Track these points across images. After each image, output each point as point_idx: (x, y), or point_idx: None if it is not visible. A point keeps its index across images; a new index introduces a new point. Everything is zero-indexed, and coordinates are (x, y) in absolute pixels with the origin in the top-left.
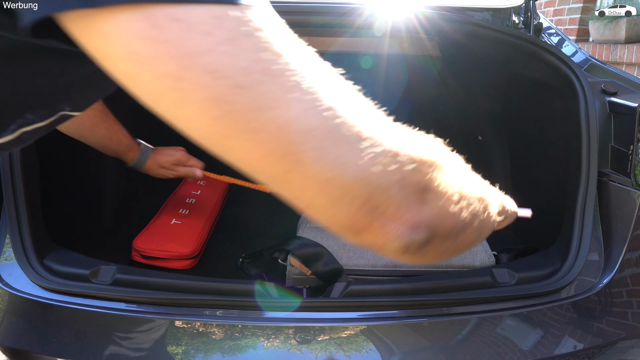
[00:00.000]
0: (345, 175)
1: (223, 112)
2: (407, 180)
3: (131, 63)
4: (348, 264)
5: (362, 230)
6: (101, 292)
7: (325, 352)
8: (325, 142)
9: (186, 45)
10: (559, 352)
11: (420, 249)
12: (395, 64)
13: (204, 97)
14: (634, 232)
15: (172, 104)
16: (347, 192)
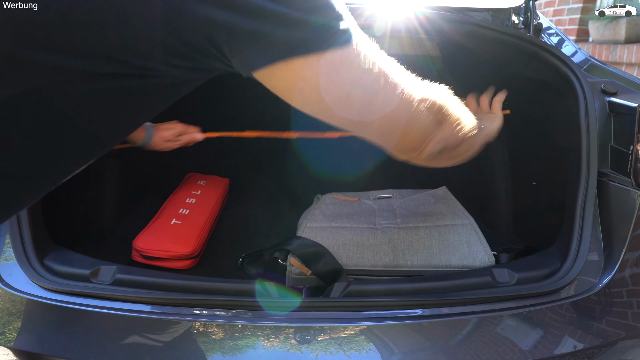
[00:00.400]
0: (411, 122)
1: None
2: (437, 118)
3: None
4: (348, 264)
5: (416, 149)
6: (101, 292)
7: (325, 352)
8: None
9: (344, 76)
10: (558, 352)
11: (438, 156)
12: None
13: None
14: (634, 232)
15: (338, 113)
16: (411, 129)
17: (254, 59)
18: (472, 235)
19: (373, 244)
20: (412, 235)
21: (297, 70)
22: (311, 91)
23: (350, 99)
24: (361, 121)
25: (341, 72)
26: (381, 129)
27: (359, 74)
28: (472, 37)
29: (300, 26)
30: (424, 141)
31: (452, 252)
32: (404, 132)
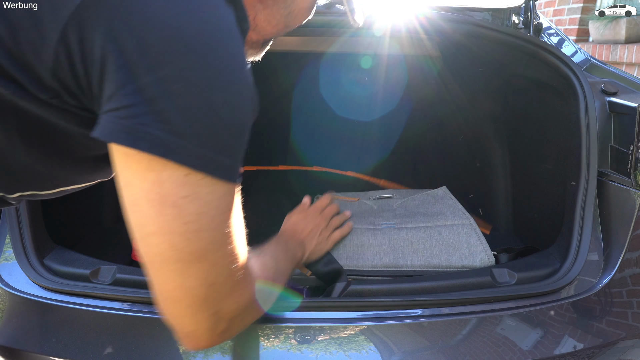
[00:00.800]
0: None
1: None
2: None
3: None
4: (348, 264)
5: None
6: (101, 292)
7: (325, 352)
8: None
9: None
10: (558, 352)
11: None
12: (395, 64)
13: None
14: (634, 232)
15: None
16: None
17: (126, 133)
18: (472, 235)
19: (373, 245)
20: (412, 235)
21: (157, 169)
22: (144, 193)
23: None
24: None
25: (191, 199)
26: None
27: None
28: (472, 37)
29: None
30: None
31: (452, 252)
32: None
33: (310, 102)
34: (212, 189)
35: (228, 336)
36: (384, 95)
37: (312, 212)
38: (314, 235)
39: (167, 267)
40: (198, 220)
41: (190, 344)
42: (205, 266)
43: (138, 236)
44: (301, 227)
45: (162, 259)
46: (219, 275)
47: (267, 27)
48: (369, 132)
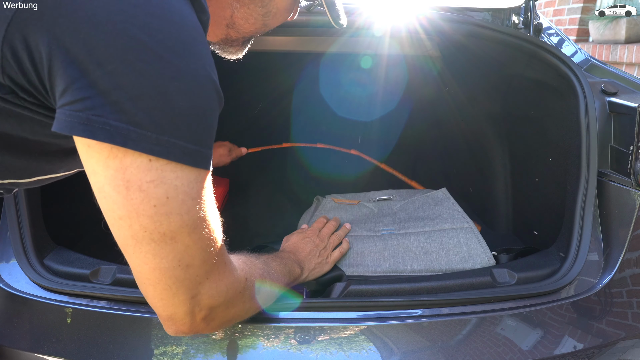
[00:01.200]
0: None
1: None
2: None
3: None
4: (348, 271)
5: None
6: (101, 292)
7: (325, 352)
8: None
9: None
10: (558, 352)
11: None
12: (395, 64)
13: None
14: (634, 232)
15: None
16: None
17: (84, 124)
18: (471, 238)
19: (373, 251)
20: (411, 240)
21: (120, 158)
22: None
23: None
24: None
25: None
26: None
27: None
28: (472, 37)
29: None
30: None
31: (452, 256)
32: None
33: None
34: (179, 174)
35: (213, 325)
36: (384, 95)
37: (311, 233)
38: (313, 256)
39: (141, 248)
40: (167, 203)
41: (171, 327)
42: (178, 247)
43: (110, 221)
44: (300, 248)
45: (135, 241)
46: (194, 257)
47: (245, 25)
48: (369, 132)
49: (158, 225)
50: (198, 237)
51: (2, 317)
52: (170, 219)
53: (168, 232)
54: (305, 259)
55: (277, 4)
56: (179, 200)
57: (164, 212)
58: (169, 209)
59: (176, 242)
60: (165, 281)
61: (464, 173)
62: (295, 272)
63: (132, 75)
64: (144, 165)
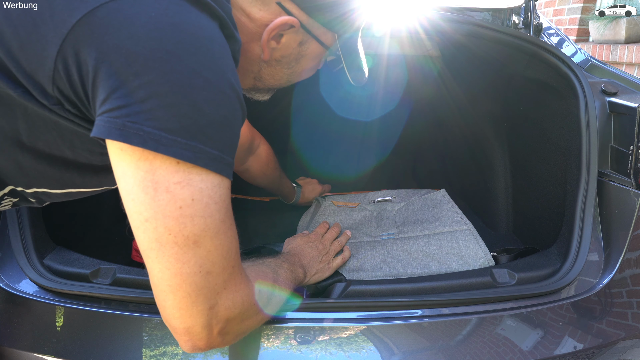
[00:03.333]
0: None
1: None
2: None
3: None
4: (348, 276)
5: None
6: (101, 292)
7: (325, 352)
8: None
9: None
10: (559, 353)
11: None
12: (395, 64)
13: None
14: (634, 232)
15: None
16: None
17: (118, 129)
18: (470, 240)
19: (373, 257)
20: (410, 244)
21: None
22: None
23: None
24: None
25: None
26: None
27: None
28: (472, 37)
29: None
30: None
31: (451, 259)
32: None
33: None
34: (204, 178)
35: (227, 340)
36: (384, 95)
37: (314, 237)
38: (315, 261)
39: (164, 253)
40: (192, 205)
41: (188, 343)
42: (201, 252)
43: (136, 224)
44: (305, 251)
45: (159, 245)
46: (214, 264)
47: (271, 80)
48: (369, 132)
49: (182, 227)
50: (219, 243)
51: (2, 317)
52: (194, 222)
53: (191, 235)
54: (309, 263)
55: (303, 66)
56: (203, 203)
57: (188, 214)
58: (193, 210)
59: (198, 247)
60: (185, 288)
61: (464, 173)
62: (299, 276)
63: (166, 85)
64: (172, 167)
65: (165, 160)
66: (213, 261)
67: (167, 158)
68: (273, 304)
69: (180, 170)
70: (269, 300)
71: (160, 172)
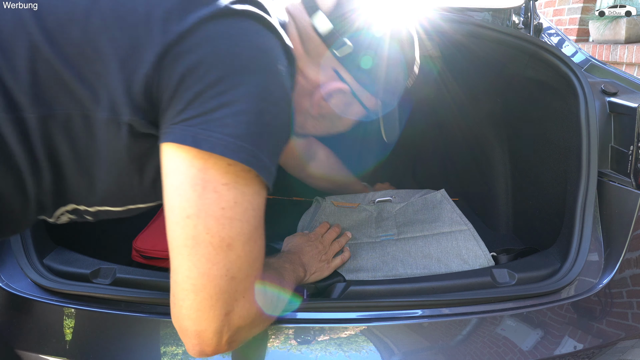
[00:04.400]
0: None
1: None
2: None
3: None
4: (348, 276)
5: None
6: (101, 292)
7: (325, 352)
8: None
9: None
10: (559, 353)
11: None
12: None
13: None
14: (634, 232)
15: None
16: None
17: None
18: (470, 240)
19: (372, 257)
20: (410, 245)
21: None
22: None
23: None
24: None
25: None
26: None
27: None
28: (472, 37)
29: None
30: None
31: (451, 259)
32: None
33: None
34: (249, 182)
35: (232, 347)
36: None
37: (314, 237)
38: (315, 260)
39: (197, 251)
40: (233, 207)
41: (196, 347)
42: (231, 256)
43: (176, 219)
44: (305, 250)
45: (194, 242)
46: (240, 270)
47: (312, 130)
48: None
49: (220, 228)
50: (249, 249)
51: (3, 317)
52: (232, 224)
53: (227, 237)
54: (309, 261)
55: (343, 123)
56: (243, 208)
57: (229, 216)
58: (233, 213)
59: (231, 250)
60: (208, 290)
61: (464, 173)
62: (300, 275)
63: (237, 95)
64: (222, 168)
65: (218, 161)
66: (240, 267)
67: (220, 158)
68: (278, 307)
69: (230, 172)
70: (274, 303)
71: (211, 172)
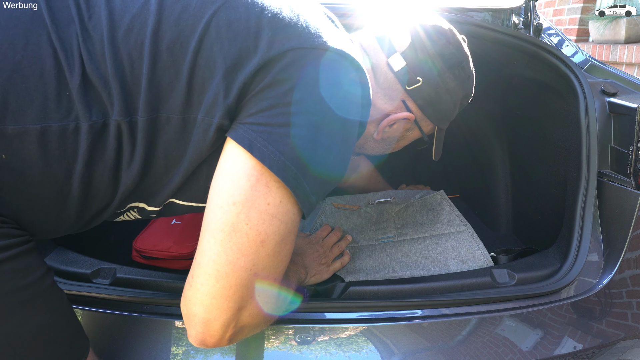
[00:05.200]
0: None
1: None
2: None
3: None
4: (348, 278)
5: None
6: (101, 292)
7: (325, 352)
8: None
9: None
10: (558, 353)
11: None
12: None
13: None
14: (633, 232)
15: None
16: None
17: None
18: (469, 242)
19: (372, 259)
20: (409, 247)
21: (247, 160)
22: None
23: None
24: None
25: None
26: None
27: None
28: (472, 37)
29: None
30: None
31: (450, 261)
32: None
33: None
34: (286, 202)
35: (233, 342)
36: None
37: (315, 239)
38: (316, 263)
39: (232, 239)
40: (278, 206)
41: (199, 336)
42: (261, 252)
43: (221, 203)
44: (306, 251)
45: (232, 229)
46: (264, 268)
47: (369, 150)
48: None
49: (260, 222)
50: (279, 251)
51: None
52: (272, 221)
53: (263, 232)
54: (310, 264)
55: (399, 145)
56: (286, 209)
57: (271, 213)
58: (276, 211)
59: (263, 247)
60: (230, 279)
61: (464, 173)
62: (301, 276)
63: (305, 122)
64: (273, 178)
65: (271, 174)
66: (265, 265)
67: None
68: (279, 307)
69: (281, 186)
70: (277, 303)
71: (265, 174)
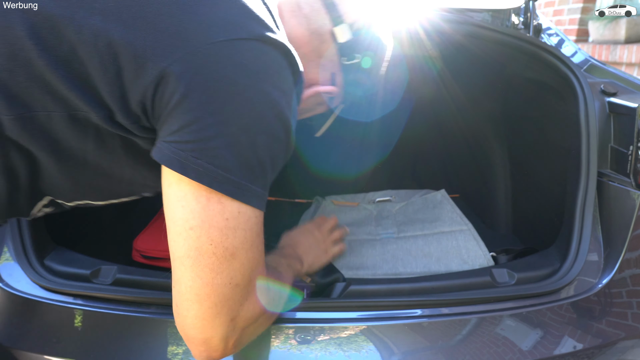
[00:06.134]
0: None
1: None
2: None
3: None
4: (348, 274)
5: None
6: (101, 292)
7: (325, 352)
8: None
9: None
10: (558, 352)
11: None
12: (395, 64)
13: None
14: (633, 232)
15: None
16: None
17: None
18: (470, 240)
19: (372, 255)
20: (410, 244)
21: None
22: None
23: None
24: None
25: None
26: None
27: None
28: (472, 37)
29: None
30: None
31: (451, 259)
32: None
33: None
34: (244, 211)
35: (239, 348)
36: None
37: (310, 227)
38: (312, 248)
39: (201, 262)
40: (237, 217)
41: (204, 354)
42: (234, 265)
43: (178, 230)
44: (300, 241)
45: (197, 253)
46: (243, 277)
47: None
48: (369, 132)
49: (224, 238)
50: (252, 256)
51: (3, 317)
52: (236, 233)
53: (230, 247)
54: (305, 252)
55: (305, 115)
56: (246, 216)
57: (232, 226)
58: (236, 223)
59: (234, 259)
60: (213, 299)
61: (464, 173)
62: (296, 267)
63: (234, 127)
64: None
65: (216, 194)
66: (242, 274)
67: (216, 193)
68: (279, 303)
69: (233, 199)
70: (275, 300)
71: (213, 192)
